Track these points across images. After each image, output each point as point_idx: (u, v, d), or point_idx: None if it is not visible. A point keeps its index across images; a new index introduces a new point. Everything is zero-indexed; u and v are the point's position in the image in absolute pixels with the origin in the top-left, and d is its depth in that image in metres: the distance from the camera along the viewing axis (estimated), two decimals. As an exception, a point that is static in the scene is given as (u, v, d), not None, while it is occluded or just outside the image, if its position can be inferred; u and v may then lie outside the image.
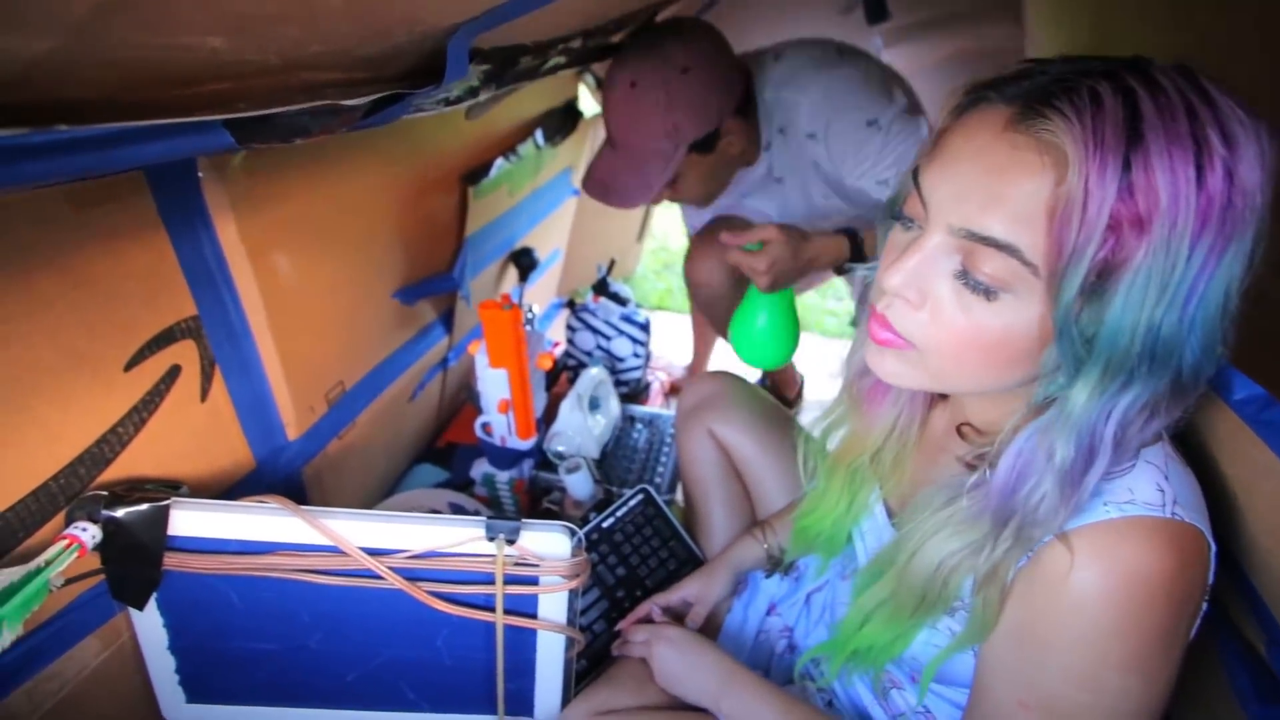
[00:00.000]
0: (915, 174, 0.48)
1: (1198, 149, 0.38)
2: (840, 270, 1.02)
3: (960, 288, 0.45)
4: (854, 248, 0.99)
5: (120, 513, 0.59)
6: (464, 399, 1.54)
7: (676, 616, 0.86)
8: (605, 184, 1.07)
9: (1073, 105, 0.40)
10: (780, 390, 1.60)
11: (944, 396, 0.64)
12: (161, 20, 0.28)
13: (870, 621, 0.59)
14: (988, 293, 0.44)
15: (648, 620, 0.84)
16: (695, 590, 0.86)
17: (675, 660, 0.74)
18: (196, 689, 0.72)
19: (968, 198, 0.43)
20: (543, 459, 1.23)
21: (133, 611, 0.66)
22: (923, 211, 0.47)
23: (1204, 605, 0.50)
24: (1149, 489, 0.46)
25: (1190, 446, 0.54)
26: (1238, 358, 0.49)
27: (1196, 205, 0.38)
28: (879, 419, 0.64)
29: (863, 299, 0.56)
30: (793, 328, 1.01)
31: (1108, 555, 0.45)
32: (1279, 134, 0.56)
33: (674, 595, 0.86)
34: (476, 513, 1.16)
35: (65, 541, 0.56)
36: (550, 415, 1.27)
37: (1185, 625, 0.48)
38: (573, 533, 0.66)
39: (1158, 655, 0.46)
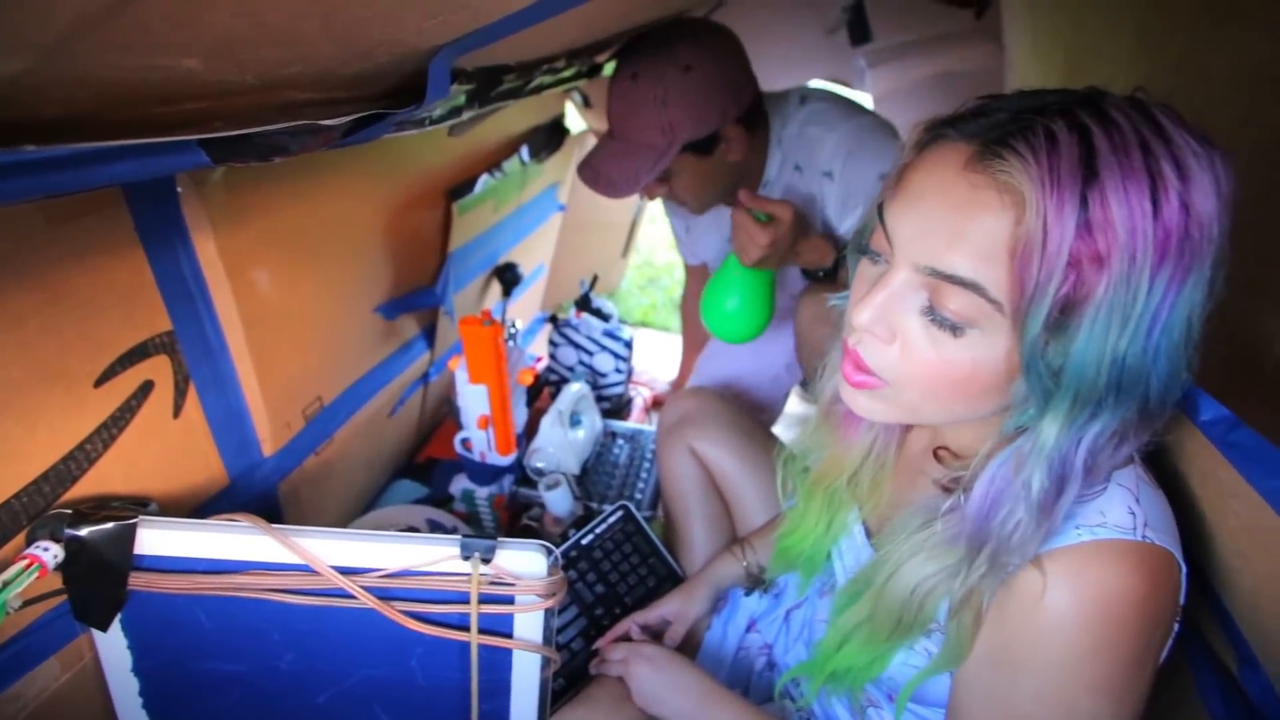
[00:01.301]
0: (880, 209, 0.49)
1: (1152, 183, 0.39)
2: (809, 274, 1.02)
3: (928, 324, 0.46)
4: (836, 262, 1.00)
5: (84, 531, 0.58)
6: (445, 413, 1.53)
7: (655, 634, 0.86)
8: (596, 170, 1.05)
9: (1028, 145, 0.40)
10: None
11: None
12: (135, 42, 0.28)
13: (848, 643, 0.59)
14: (955, 329, 0.45)
15: (626, 638, 0.84)
16: (675, 608, 0.86)
17: (652, 680, 0.73)
18: (161, 712, 0.71)
19: (931, 235, 0.44)
20: (523, 475, 1.23)
21: (96, 633, 0.64)
22: (888, 247, 0.48)
23: (1175, 626, 0.51)
24: (1120, 512, 0.47)
25: (1161, 467, 0.55)
26: (1205, 379, 0.51)
27: (1154, 238, 0.39)
28: (855, 443, 0.65)
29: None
30: (767, 305, 1.00)
31: (1080, 578, 0.46)
32: (1246, 162, 0.59)
33: (653, 613, 0.86)
34: (455, 529, 1.15)
35: (25, 562, 0.54)
36: (531, 430, 1.26)
37: (1156, 647, 0.48)
38: (549, 551, 0.66)
39: (1129, 677, 0.47)
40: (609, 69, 1.25)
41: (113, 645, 0.66)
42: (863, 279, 0.51)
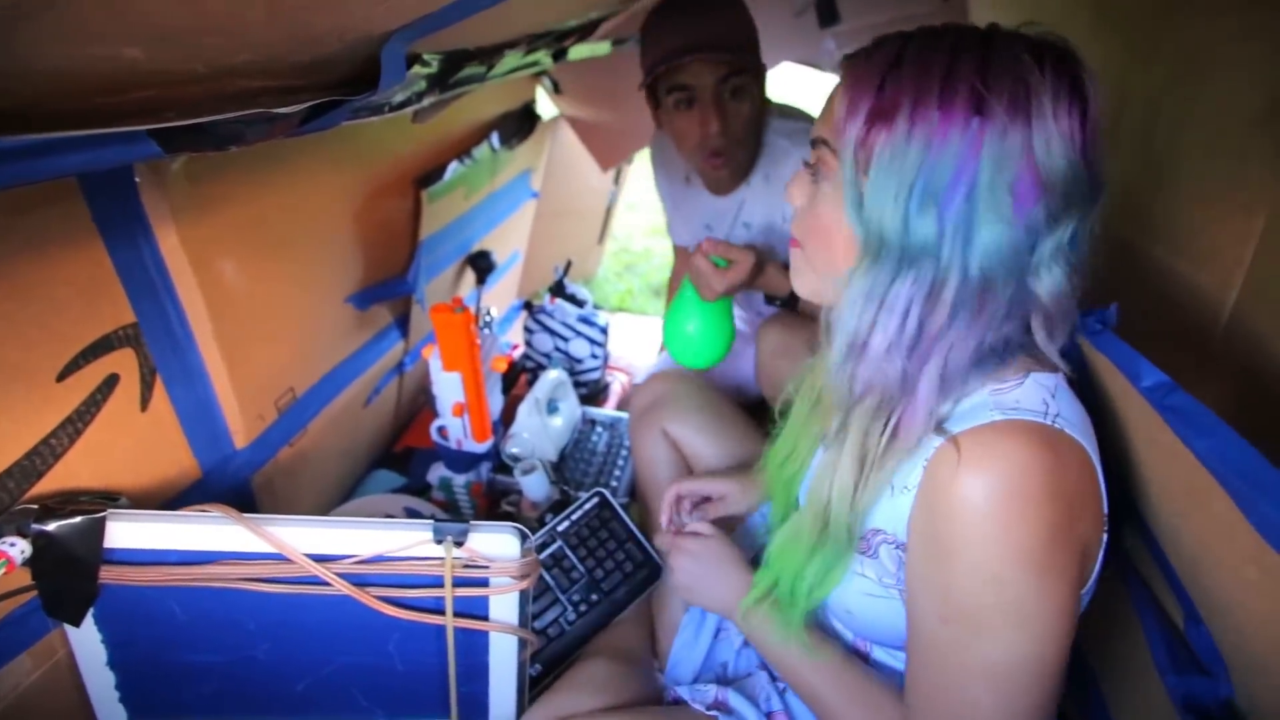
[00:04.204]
0: None
1: (947, 73, 0.47)
2: (770, 301, 1.03)
3: (809, 182, 0.58)
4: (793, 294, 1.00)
5: (52, 526, 0.58)
6: (422, 403, 1.53)
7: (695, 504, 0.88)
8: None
9: (862, 49, 0.53)
10: None
11: None
12: (72, 32, 0.28)
13: (787, 545, 0.63)
14: (815, 175, 0.57)
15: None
16: (726, 489, 0.86)
17: (691, 573, 0.74)
18: (139, 705, 0.71)
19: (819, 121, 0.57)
20: (500, 462, 1.23)
21: (69, 628, 0.64)
22: None
23: (1104, 535, 0.53)
24: (1034, 400, 0.51)
25: (1112, 436, 0.57)
26: (1154, 348, 0.52)
27: (939, 110, 0.47)
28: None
29: None
30: (727, 330, 1.02)
31: (990, 452, 0.49)
32: (1191, 135, 0.61)
33: (700, 484, 0.87)
34: (432, 517, 1.15)
35: (-8, 557, 0.54)
36: (509, 418, 1.27)
37: (1075, 525, 0.50)
38: (522, 533, 0.67)
39: (1049, 552, 0.48)
40: (576, 53, 1.25)
41: (86, 640, 0.66)
42: None
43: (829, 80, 2.22)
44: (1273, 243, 0.55)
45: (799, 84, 2.78)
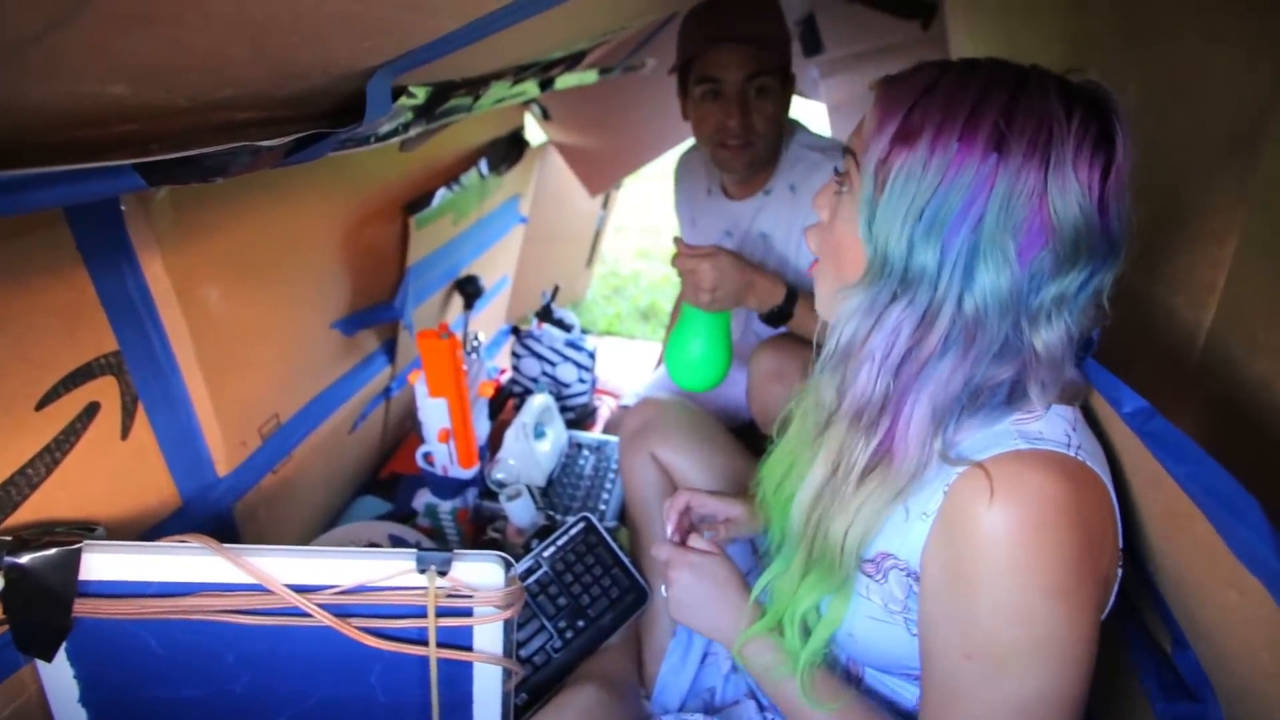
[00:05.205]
0: None
1: (974, 108, 0.48)
2: (766, 317, 1.02)
3: (834, 193, 0.58)
4: (787, 301, 1.00)
5: (25, 558, 0.57)
6: (409, 428, 1.52)
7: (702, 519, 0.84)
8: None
9: (900, 72, 0.53)
10: None
11: None
12: (55, 71, 0.29)
13: (784, 569, 0.63)
14: (839, 182, 0.57)
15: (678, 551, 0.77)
16: (739, 513, 0.83)
17: (692, 590, 0.71)
18: (113, 742, 0.69)
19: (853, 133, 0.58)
20: (486, 488, 1.22)
21: (40, 663, 0.63)
22: None
23: (1119, 571, 0.53)
24: (1057, 431, 0.52)
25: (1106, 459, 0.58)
26: (1133, 375, 0.53)
27: (959, 142, 0.48)
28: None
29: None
30: (725, 353, 1.03)
31: (1014, 481, 0.49)
32: (1160, 161, 0.62)
33: (718, 505, 0.82)
34: (417, 544, 1.14)
35: (-37, 592, 0.53)
36: (496, 443, 1.26)
37: (1099, 560, 0.50)
38: (506, 562, 0.66)
39: (1074, 581, 0.48)
40: (563, 83, 1.27)
41: (58, 676, 0.65)
42: None
43: (813, 108, 2.26)
44: (1243, 268, 0.56)
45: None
